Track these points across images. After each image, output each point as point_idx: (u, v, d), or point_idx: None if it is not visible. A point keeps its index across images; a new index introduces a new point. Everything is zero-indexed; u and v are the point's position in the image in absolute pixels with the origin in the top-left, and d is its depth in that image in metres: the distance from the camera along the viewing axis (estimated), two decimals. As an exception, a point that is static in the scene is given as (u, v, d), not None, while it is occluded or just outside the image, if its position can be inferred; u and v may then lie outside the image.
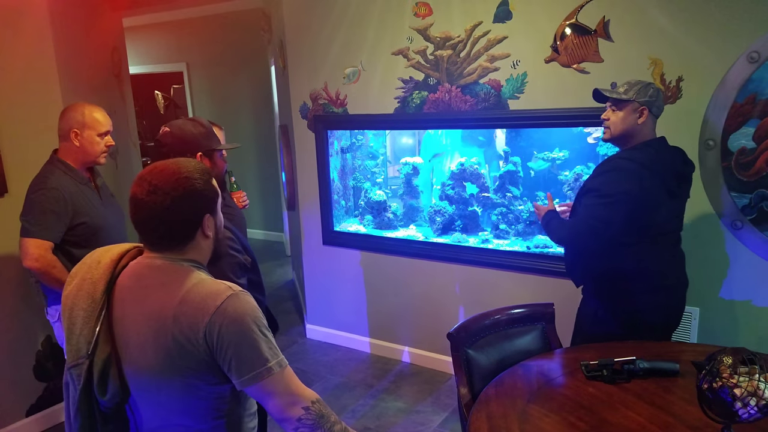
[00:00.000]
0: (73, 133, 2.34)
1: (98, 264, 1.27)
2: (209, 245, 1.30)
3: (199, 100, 6.88)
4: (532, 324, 2.17)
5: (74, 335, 1.23)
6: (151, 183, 1.19)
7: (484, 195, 3.44)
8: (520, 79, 2.92)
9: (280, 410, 1.21)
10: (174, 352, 1.16)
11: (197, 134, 1.83)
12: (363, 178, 3.90)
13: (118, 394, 1.21)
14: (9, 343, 2.91)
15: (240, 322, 1.16)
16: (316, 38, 3.54)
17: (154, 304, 1.19)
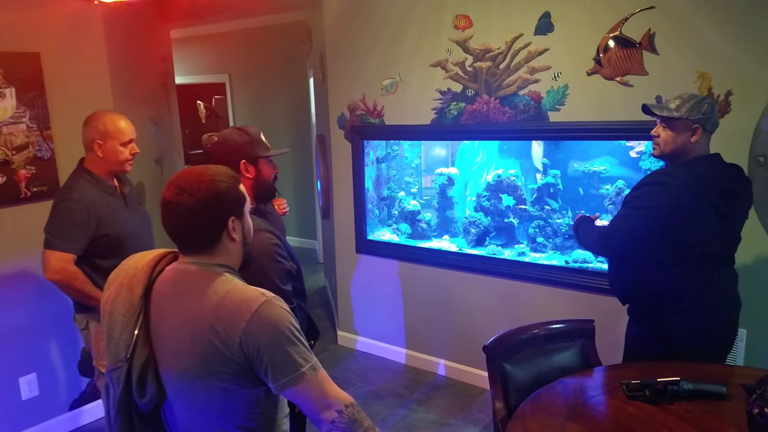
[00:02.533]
0: (96, 144, 2.31)
1: (135, 270, 1.30)
2: (238, 249, 1.32)
3: (240, 110, 7.02)
4: (571, 340, 2.13)
5: (113, 339, 1.25)
6: (178, 186, 1.22)
7: (521, 207, 3.41)
8: (561, 91, 2.89)
9: (314, 412, 1.23)
10: (210, 357, 1.18)
11: (241, 143, 1.86)
12: (397, 187, 3.91)
13: (156, 396, 1.24)
14: (56, 340, 3.00)
15: (274, 328, 1.18)
16: (355, 50, 3.57)
17: (190, 309, 1.21)
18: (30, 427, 2.95)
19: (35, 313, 2.91)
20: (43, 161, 2.88)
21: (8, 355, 2.83)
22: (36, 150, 2.86)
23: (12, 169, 2.77)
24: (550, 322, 2.13)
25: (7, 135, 2.73)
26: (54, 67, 2.88)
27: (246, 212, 1.32)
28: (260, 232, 1.70)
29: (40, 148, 2.87)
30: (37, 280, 2.88)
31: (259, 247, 1.63)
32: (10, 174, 2.77)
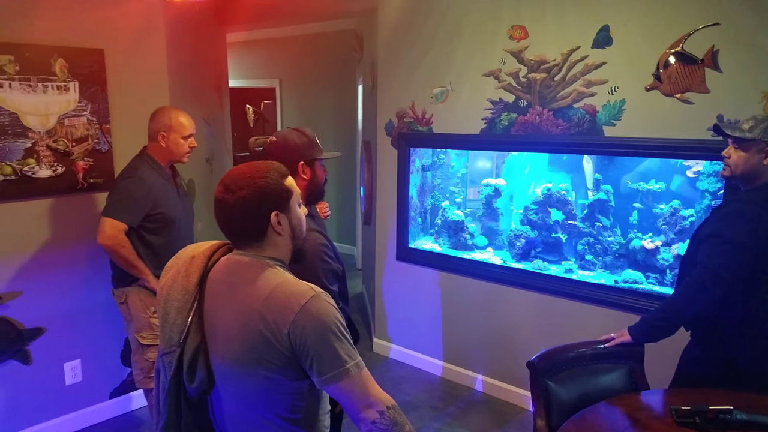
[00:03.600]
0: (161, 136, 2.56)
1: (192, 258, 1.32)
2: (286, 243, 1.33)
3: (288, 115, 7.12)
4: (619, 361, 2.06)
5: (168, 324, 1.27)
6: (224, 184, 1.27)
7: (571, 222, 3.33)
8: (617, 105, 2.82)
9: (356, 410, 1.23)
10: (259, 346, 1.19)
11: (300, 144, 1.88)
12: (442, 196, 3.88)
13: (205, 382, 1.25)
14: (102, 328, 3.08)
15: (322, 322, 1.19)
16: (407, 58, 3.58)
17: (241, 299, 1.23)
18: (72, 412, 3.03)
19: (83, 300, 2.99)
20: (100, 154, 2.97)
21: (55, 340, 2.92)
22: (95, 143, 2.95)
23: (71, 160, 2.87)
24: (598, 342, 2.06)
25: (68, 127, 2.83)
26: (116, 64, 2.98)
27: (293, 206, 1.32)
28: (310, 231, 1.70)
29: (99, 141, 2.96)
30: (87, 269, 2.97)
31: (309, 246, 1.64)
32: (69, 165, 2.86)
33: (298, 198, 1.35)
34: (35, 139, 2.73)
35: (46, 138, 2.76)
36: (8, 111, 2.62)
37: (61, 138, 2.82)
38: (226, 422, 1.31)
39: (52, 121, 2.77)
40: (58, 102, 2.79)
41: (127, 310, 2.63)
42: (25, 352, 2.83)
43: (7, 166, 2.65)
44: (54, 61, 2.74)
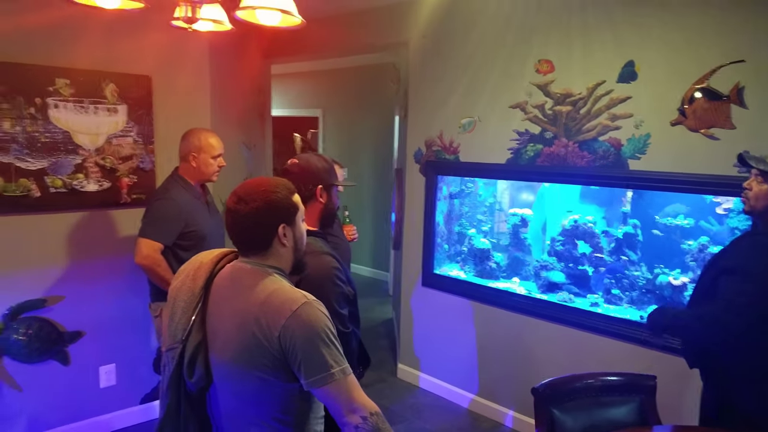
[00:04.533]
0: (191, 156, 2.69)
1: (201, 263, 1.44)
2: (288, 254, 1.42)
3: (330, 143, 7.34)
4: (630, 395, 2.05)
5: (174, 322, 1.38)
6: (238, 195, 1.37)
7: (597, 255, 3.32)
8: (642, 139, 2.84)
9: (340, 414, 1.28)
10: (253, 347, 1.28)
11: (321, 168, 1.91)
12: (468, 224, 3.92)
13: (203, 378, 1.34)
14: (137, 335, 3.25)
15: (310, 328, 1.26)
16: (436, 89, 3.69)
17: (240, 302, 1.32)
18: (104, 414, 3.18)
19: (121, 309, 3.17)
20: (144, 172, 3.17)
21: (92, 344, 3.09)
22: (139, 161, 3.16)
23: (117, 176, 3.07)
24: (607, 374, 2.07)
25: (115, 146, 3.05)
26: (162, 89, 3.20)
27: (298, 221, 1.42)
28: (322, 254, 1.77)
29: (143, 160, 3.17)
30: (126, 279, 3.15)
31: (321, 269, 1.71)
32: (115, 180, 3.07)
33: (303, 214, 1.45)
34: (85, 156, 2.94)
35: (95, 155, 2.98)
36: (62, 129, 2.85)
37: (109, 156, 3.03)
38: (222, 419, 1.40)
39: (101, 140, 2.99)
40: (108, 123, 3.01)
41: (161, 325, 2.75)
42: (64, 354, 3.01)
43: (59, 179, 2.87)
44: (105, 85, 2.97)
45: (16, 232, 2.80)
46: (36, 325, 2.90)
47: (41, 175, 2.82)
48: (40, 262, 2.90)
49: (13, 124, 2.71)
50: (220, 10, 1.72)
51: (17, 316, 2.85)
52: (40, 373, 2.94)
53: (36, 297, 2.90)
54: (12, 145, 2.72)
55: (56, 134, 2.84)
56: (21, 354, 2.87)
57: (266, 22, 1.61)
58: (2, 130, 2.68)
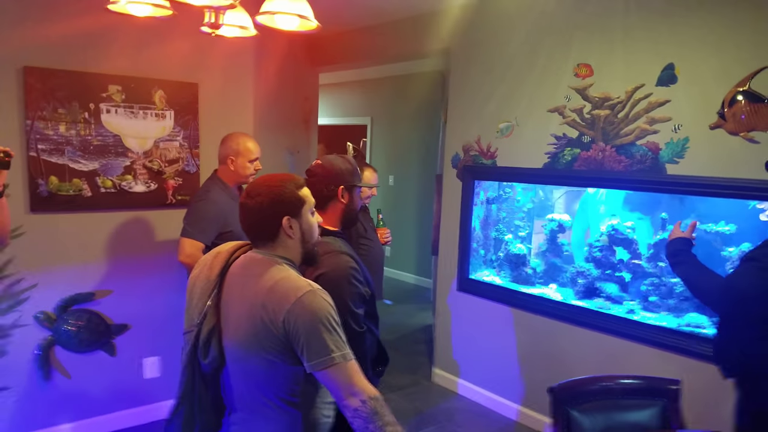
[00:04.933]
0: (230, 160, 2.79)
1: (218, 254, 1.53)
2: (296, 245, 1.49)
3: (377, 150, 7.44)
4: (652, 399, 1.99)
5: (191, 307, 1.48)
6: (247, 190, 1.47)
7: (635, 262, 3.23)
8: (680, 143, 2.76)
9: (340, 397, 1.33)
10: (260, 331, 1.35)
11: (344, 170, 1.93)
12: (506, 230, 3.90)
13: (217, 359, 1.42)
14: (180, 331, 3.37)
15: (312, 314, 1.32)
16: (474, 94, 3.70)
17: (250, 289, 1.40)
18: (146, 405, 3.35)
19: (165, 303, 3.32)
20: (189, 174, 3.33)
21: (138, 336, 3.26)
22: (184, 165, 3.32)
23: (163, 178, 3.24)
24: (627, 376, 2.02)
25: (162, 149, 3.22)
26: (207, 96, 3.35)
27: (305, 213, 1.48)
28: (340, 254, 1.81)
29: (188, 163, 3.33)
30: (170, 275, 3.30)
31: (338, 268, 1.76)
32: (161, 182, 3.24)
33: (311, 207, 1.51)
34: (133, 159, 3.12)
35: (143, 158, 3.16)
36: (112, 133, 3.03)
37: (156, 159, 3.20)
38: (234, 399, 1.47)
39: (149, 144, 3.17)
40: (156, 127, 3.18)
41: None
42: (111, 345, 3.19)
43: (109, 180, 3.05)
44: (154, 92, 3.15)
45: (68, 229, 3.00)
46: (85, 317, 3.08)
47: (93, 176, 3.01)
48: (90, 257, 3.08)
49: (68, 128, 2.91)
50: (245, 16, 1.81)
51: (68, 308, 3.04)
52: (88, 362, 3.12)
53: (86, 291, 3.09)
54: (67, 147, 2.92)
55: (107, 138, 3.03)
56: (71, 344, 3.06)
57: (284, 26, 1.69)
58: (58, 133, 2.89)
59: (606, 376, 2.02)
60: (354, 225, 2.11)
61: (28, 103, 2.79)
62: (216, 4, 1.43)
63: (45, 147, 2.87)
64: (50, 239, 2.95)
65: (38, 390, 3.00)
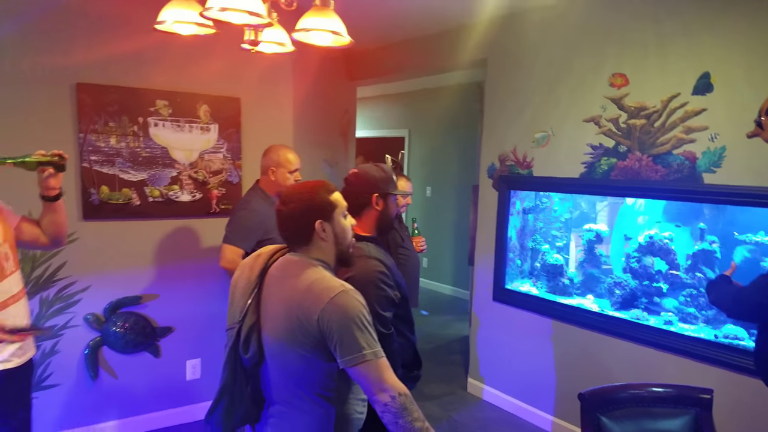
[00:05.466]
0: (271, 170, 2.91)
1: (258, 257, 1.62)
2: (329, 247, 1.57)
3: (415, 162, 7.51)
4: (684, 407, 1.97)
5: (233, 306, 1.57)
6: (282, 197, 1.56)
7: (673, 273, 3.19)
8: (717, 152, 2.73)
9: (371, 393, 1.40)
10: (296, 328, 1.43)
11: (378, 178, 2.00)
12: (543, 240, 3.89)
13: (256, 355, 1.51)
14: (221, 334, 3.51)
15: (345, 313, 1.39)
16: (510, 105, 3.73)
17: (288, 289, 1.48)
18: (188, 405, 3.48)
19: (208, 308, 3.46)
20: (231, 185, 3.47)
21: (181, 339, 3.39)
22: (228, 175, 3.46)
23: (207, 188, 3.39)
24: (657, 384, 2.01)
25: (207, 161, 3.37)
26: (249, 110, 3.49)
27: (337, 217, 1.56)
28: (369, 258, 1.86)
29: (231, 174, 3.47)
30: (212, 280, 3.44)
31: (366, 272, 1.81)
32: (206, 192, 3.38)
33: (343, 210, 1.58)
34: (180, 170, 3.28)
35: (188, 169, 3.31)
36: (160, 146, 3.20)
37: (201, 170, 3.35)
38: (272, 393, 1.55)
39: (195, 156, 3.32)
40: (201, 140, 3.33)
41: None
42: (156, 347, 3.33)
43: (156, 189, 3.21)
44: (199, 106, 3.30)
45: (117, 236, 3.17)
46: (132, 320, 3.24)
47: (141, 185, 3.17)
48: (137, 263, 3.24)
49: (119, 140, 3.09)
50: (283, 33, 1.91)
51: (116, 311, 3.21)
52: (133, 363, 3.27)
53: (133, 294, 3.25)
54: (117, 158, 3.09)
55: (155, 150, 3.19)
56: (118, 344, 3.21)
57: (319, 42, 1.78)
58: (109, 145, 3.06)
59: (637, 384, 2.01)
60: (389, 231, 2.17)
61: (80, 117, 2.98)
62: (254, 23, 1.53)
63: (97, 158, 3.04)
64: (101, 245, 3.12)
65: (86, 388, 3.16)
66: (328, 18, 1.62)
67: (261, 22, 1.49)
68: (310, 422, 1.50)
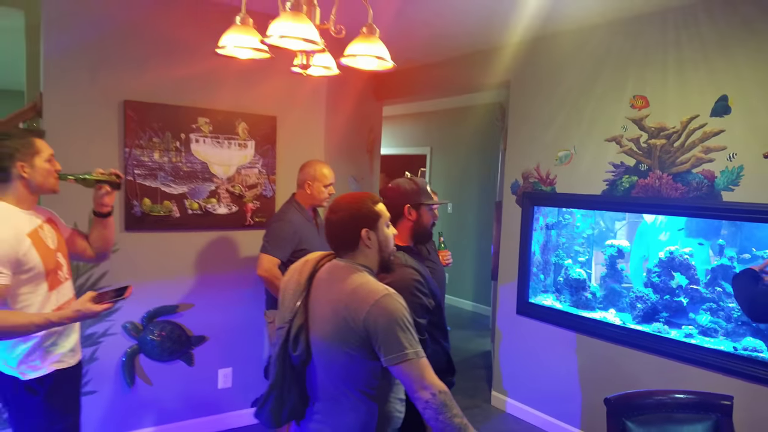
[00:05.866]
0: (307, 184, 3.07)
1: (306, 261, 1.76)
2: (374, 254, 1.70)
3: (436, 179, 7.65)
4: (705, 413, 2.06)
5: (283, 307, 1.70)
6: (331, 207, 1.69)
7: (693, 287, 3.27)
8: (735, 171, 2.83)
9: (413, 390, 1.50)
10: (343, 329, 1.55)
11: (408, 190, 2.18)
12: (565, 255, 3.99)
13: (304, 353, 1.63)
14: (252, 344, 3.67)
15: (389, 315, 1.51)
16: (534, 124, 3.87)
17: (335, 292, 1.60)
18: (219, 414, 3.60)
19: (240, 317, 3.60)
20: (266, 198, 3.63)
21: (214, 348, 3.53)
22: (262, 190, 3.62)
23: (243, 202, 3.55)
24: (680, 391, 2.09)
25: (243, 175, 3.53)
26: (284, 128, 3.67)
27: (381, 226, 1.69)
28: (405, 267, 2.00)
29: (266, 188, 3.63)
30: (246, 291, 3.58)
31: (402, 280, 1.94)
32: (241, 205, 3.54)
33: (387, 220, 1.72)
34: (218, 184, 3.45)
35: (226, 183, 3.48)
36: (200, 160, 3.37)
37: (238, 184, 3.52)
38: (317, 390, 1.67)
39: (232, 170, 3.49)
40: (238, 156, 3.51)
41: (273, 330, 3.12)
42: (190, 355, 3.47)
43: (196, 202, 3.38)
44: (238, 123, 3.48)
45: (157, 247, 3.33)
46: (168, 328, 3.38)
47: (181, 198, 3.34)
48: (175, 273, 3.40)
49: (161, 155, 3.26)
50: (330, 58, 2.07)
51: (153, 320, 3.35)
52: (168, 371, 3.41)
53: (170, 304, 3.40)
54: (159, 172, 3.26)
55: (196, 164, 3.36)
56: (154, 353, 3.35)
57: (365, 67, 1.93)
58: (152, 159, 3.24)
59: (660, 391, 2.10)
60: (427, 240, 2.30)
61: (127, 133, 3.16)
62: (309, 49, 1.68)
63: (140, 172, 3.22)
64: (141, 255, 3.28)
65: (122, 395, 3.29)
66: (374, 44, 1.77)
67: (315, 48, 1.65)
68: (354, 419, 1.61)
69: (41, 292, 2.02)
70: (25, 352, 1.99)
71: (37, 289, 2.01)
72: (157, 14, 3.20)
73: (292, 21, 1.53)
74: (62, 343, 2.10)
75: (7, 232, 1.89)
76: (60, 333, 2.09)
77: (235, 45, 1.77)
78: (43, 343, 2.03)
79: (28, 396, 2.02)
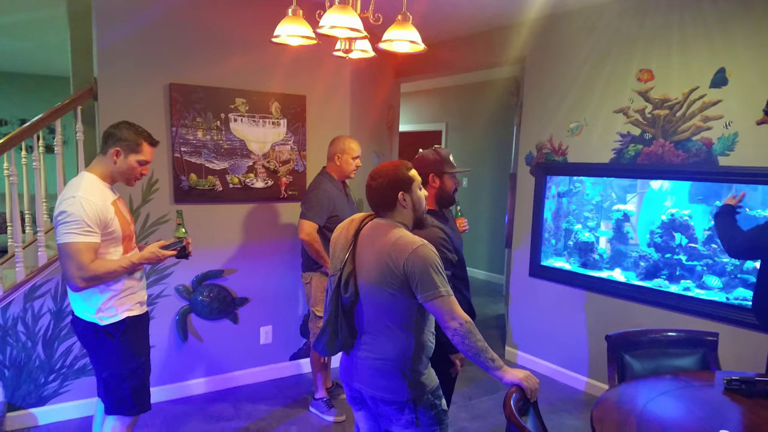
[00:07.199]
0: (336, 157, 3.37)
1: (352, 221, 2.07)
2: (409, 213, 2.01)
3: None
4: (694, 348, 2.38)
5: (335, 258, 2.02)
6: (371, 174, 1.99)
7: (692, 246, 3.56)
8: (731, 138, 3.10)
9: (444, 321, 1.83)
10: (386, 273, 1.87)
11: (432, 160, 2.48)
12: (575, 221, 4.28)
13: (353, 295, 1.95)
14: (290, 303, 4.03)
15: (424, 261, 1.83)
16: (547, 98, 4.13)
17: (378, 244, 1.92)
18: (261, 366, 3.99)
19: (279, 280, 3.96)
20: (297, 173, 3.95)
21: (256, 308, 3.90)
22: (294, 165, 3.94)
23: (277, 176, 3.87)
24: (672, 330, 2.41)
25: (277, 152, 3.85)
26: (313, 106, 3.97)
27: (415, 189, 2.00)
28: (432, 227, 2.30)
29: (297, 164, 3.95)
30: (283, 257, 3.93)
31: (429, 237, 2.23)
32: (276, 180, 3.87)
33: (419, 184, 2.02)
34: (255, 160, 3.77)
35: (262, 159, 3.80)
36: (239, 138, 3.69)
37: (272, 160, 3.84)
38: (364, 325, 2.00)
39: (267, 147, 3.81)
40: (272, 133, 3.82)
41: (310, 289, 3.46)
42: (235, 315, 3.84)
43: (236, 177, 3.71)
44: (271, 103, 3.79)
45: (203, 218, 3.67)
46: (215, 290, 3.75)
47: (223, 173, 3.67)
48: (219, 241, 3.75)
49: (204, 134, 3.58)
50: (367, 43, 2.37)
51: (202, 283, 3.72)
52: (216, 328, 3.79)
53: (216, 269, 3.75)
54: (203, 150, 3.59)
55: (235, 142, 3.68)
56: (203, 312, 3.72)
57: (399, 50, 2.22)
58: (196, 138, 3.56)
59: (655, 329, 2.41)
60: (451, 203, 2.58)
61: (173, 113, 3.48)
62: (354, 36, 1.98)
63: (186, 149, 3.54)
64: (188, 225, 3.52)
65: (176, 349, 3.68)
66: (408, 30, 2.06)
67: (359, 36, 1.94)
68: (394, 347, 1.94)
69: (117, 254, 2.35)
70: (102, 301, 2.31)
71: (115, 251, 2.33)
72: (199, 3, 3.49)
73: (340, 13, 1.84)
74: (132, 296, 2.42)
75: (98, 197, 2.23)
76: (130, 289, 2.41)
77: (288, 34, 2.06)
78: (118, 295, 2.36)
79: (107, 339, 2.35)
